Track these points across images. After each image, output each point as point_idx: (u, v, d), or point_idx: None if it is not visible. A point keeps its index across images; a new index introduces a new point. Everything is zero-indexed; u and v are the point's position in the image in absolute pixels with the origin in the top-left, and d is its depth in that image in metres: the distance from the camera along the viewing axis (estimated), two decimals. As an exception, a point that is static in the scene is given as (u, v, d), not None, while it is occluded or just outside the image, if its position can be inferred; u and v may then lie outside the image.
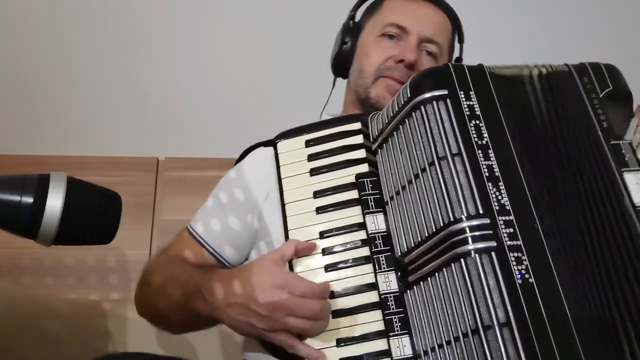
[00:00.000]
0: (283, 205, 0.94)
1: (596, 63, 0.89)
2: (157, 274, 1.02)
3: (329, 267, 0.87)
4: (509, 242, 0.73)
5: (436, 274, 0.76)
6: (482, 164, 0.77)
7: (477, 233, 0.73)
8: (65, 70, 1.72)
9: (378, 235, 0.87)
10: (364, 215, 0.89)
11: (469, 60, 0.88)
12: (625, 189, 0.78)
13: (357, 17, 1.23)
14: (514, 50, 0.90)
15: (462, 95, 0.82)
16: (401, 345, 0.80)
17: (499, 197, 0.75)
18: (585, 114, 0.84)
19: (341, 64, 1.19)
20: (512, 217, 0.74)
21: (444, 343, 0.74)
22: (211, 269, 0.98)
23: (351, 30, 1.20)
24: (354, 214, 0.90)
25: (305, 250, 0.87)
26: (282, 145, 0.99)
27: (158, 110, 1.73)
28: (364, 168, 0.92)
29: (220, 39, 1.34)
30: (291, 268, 0.88)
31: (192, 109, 1.72)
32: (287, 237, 0.91)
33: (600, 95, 0.85)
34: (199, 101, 1.72)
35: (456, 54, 1.24)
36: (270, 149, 1.06)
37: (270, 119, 1.22)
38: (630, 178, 0.79)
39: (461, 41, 1.23)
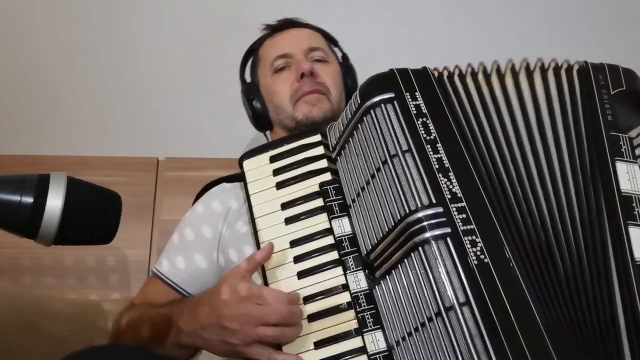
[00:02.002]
0: (253, 220, 0.98)
1: (615, 65, 0.93)
2: (126, 330, 1.02)
3: (301, 274, 0.90)
4: (462, 227, 0.76)
5: (399, 265, 0.79)
6: (432, 157, 0.81)
7: (432, 221, 0.76)
8: (65, 71, 1.69)
9: (345, 238, 0.90)
10: (330, 220, 0.92)
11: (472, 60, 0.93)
12: (615, 177, 0.82)
13: (248, 78, 1.32)
14: (517, 52, 0.93)
15: (409, 96, 0.86)
16: (375, 340, 0.82)
17: (450, 187, 0.79)
18: (592, 105, 0.88)
19: (261, 119, 1.26)
20: (464, 204, 0.78)
21: (412, 331, 0.77)
22: (180, 300, 1.00)
23: (251, 89, 1.28)
24: (321, 221, 0.94)
25: (266, 256, 0.88)
26: (247, 163, 1.03)
27: (158, 110, 1.71)
28: (326, 177, 0.97)
29: (221, 39, 1.35)
30: (265, 279, 0.92)
31: (192, 109, 1.70)
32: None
33: (612, 93, 0.89)
34: (199, 101, 1.70)
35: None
36: (232, 184, 1.10)
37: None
38: (621, 167, 0.83)
39: (335, 43, 1.33)
